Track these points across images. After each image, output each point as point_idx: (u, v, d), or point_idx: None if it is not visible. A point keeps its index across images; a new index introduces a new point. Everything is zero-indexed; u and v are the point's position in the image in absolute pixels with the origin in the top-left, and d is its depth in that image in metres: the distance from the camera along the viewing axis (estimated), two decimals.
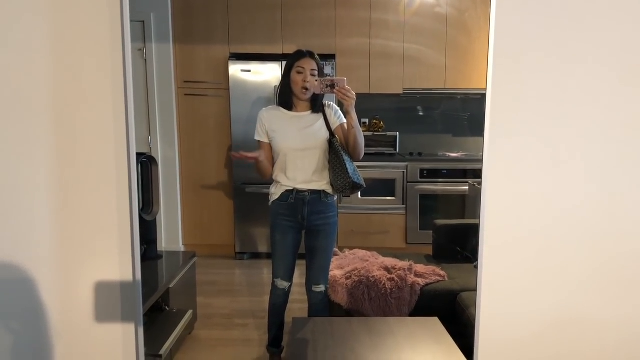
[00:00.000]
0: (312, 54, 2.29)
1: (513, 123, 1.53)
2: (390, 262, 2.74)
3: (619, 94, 1.53)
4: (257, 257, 4.38)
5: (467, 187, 4.17)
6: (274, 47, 4.21)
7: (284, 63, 2.39)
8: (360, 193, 4.15)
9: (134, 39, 4.06)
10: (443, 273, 2.68)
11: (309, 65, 2.26)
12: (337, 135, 2.31)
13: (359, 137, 2.26)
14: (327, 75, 2.42)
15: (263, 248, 4.32)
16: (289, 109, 2.33)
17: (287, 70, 2.31)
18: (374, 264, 2.71)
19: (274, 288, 2.42)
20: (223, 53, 4.22)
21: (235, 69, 4.14)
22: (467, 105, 4.71)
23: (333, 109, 2.35)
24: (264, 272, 4.07)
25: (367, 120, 4.60)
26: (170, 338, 2.41)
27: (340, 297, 2.53)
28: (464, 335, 2.00)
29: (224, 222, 4.38)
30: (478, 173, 1.71)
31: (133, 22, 1.74)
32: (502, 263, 1.60)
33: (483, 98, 1.55)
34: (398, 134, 4.52)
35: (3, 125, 1.46)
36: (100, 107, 1.46)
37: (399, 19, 4.29)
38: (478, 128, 4.66)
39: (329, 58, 4.15)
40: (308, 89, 2.25)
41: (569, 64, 1.51)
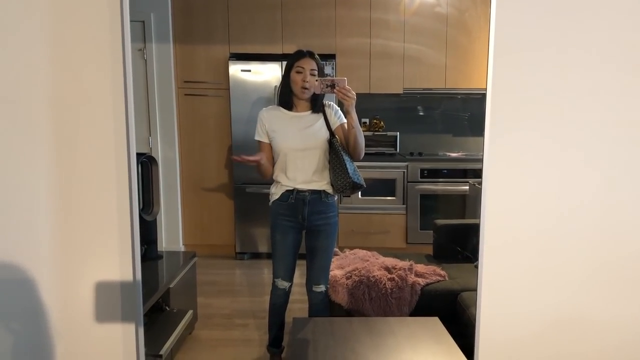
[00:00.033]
0: (311, 54, 2.29)
1: (513, 122, 1.53)
2: (391, 262, 2.74)
3: (620, 93, 1.52)
4: (257, 257, 4.38)
5: (467, 186, 4.17)
6: (274, 47, 4.21)
7: (284, 63, 2.39)
8: (361, 193, 4.15)
9: (134, 39, 4.06)
10: (443, 273, 2.68)
11: (309, 65, 2.26)
12: (337, 135, 2.30)
13: (359, 137, 2.25)
14: (327, 75, 2.42)
15: (263, 248, 4.32)
16: (289, 109, 2.33)
17: (287, 70, 2.31)
18: (375, 264, 2.71)
19: (274, 288, 2.42)
20: (223, 53, 4.22)
21: (236, 69, 4.14)
22: (467, 105, 4.71)
23: (333, 109, 2.35)
24: (264, 272, 4.07)
25: (367, 120, 4.60)
26: (171, 338, 2.42)
27: (341, 297, 2.53)
28: (465, 335, 2.00)
29: (224, 222, 4.38)
30: (478, 173, 1.71)
31: (133, 22, 1.74)
32: (502, 263, 1.60)
33: (483, 98, 1.55)
34: (398, 134, 4.52)
35: (3, 126, 1.46)
36: (101, 107, 1.46)
37: (399, 19, 4.28)
38: (478, 128, 4.63)
39: (329, 58, 4.14)
40: (307, 89, 2.26)
41: (570, 63, 1.51)
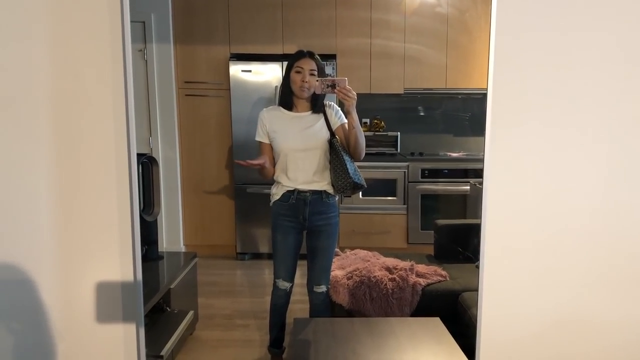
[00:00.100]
0: (311, 54, 2.29)
1: (514, 122, 1.53)
2: (392, 262, 2.74)
3: (622, 92, 1.52)
4: (258, 257, 4.38)
5: (468, 186, 4.16)
6: (275, 47, 4.21)
7: (285, 63, 2.39)
8: (362, 193, 4.14)
9: (135, 40, 4.07)
10: (444, 273, 2.68)
11: (308, 65, 2.26)
12: (337, 136, 2.30)
13: (360, 137, 2.25)
14: (327, 76, 2.42)
15: (264, 248, 4.32)
16: (290, 109, 2.33)
17: (287, 71, 2.31)
18: (375, 264, 2.70)
19: (275, 288, 2.42)
20: (223, 53, 4.22)
21: (236, 69, 4.14)
22: (468, 105, 4.70)
23: (334, 109, 2.35)
24: (265, 272, 4.06)
25: (368, 120, 4.60)
26: (172, 339, 2.41)
27: (342, 297, 2.53)
28: (466, 336, 2.00)
29: (225, 222, 4.38)
30: (479, 173, 1.71)
31: (133, 22, 1.74)
32: (503, 263, 1.59)
33: (484, 98, 1.55)
34: (399, 134, 4.52)
35: (3, 126, 1.46)
36: (101, 107, 1.46)
37: (400, 19, 4.28)
38: (479, 128, 4.66)
39: (330, 58, 4.14)
40: (307, 89, 2.25)
41: (571, 63, 1.51)
